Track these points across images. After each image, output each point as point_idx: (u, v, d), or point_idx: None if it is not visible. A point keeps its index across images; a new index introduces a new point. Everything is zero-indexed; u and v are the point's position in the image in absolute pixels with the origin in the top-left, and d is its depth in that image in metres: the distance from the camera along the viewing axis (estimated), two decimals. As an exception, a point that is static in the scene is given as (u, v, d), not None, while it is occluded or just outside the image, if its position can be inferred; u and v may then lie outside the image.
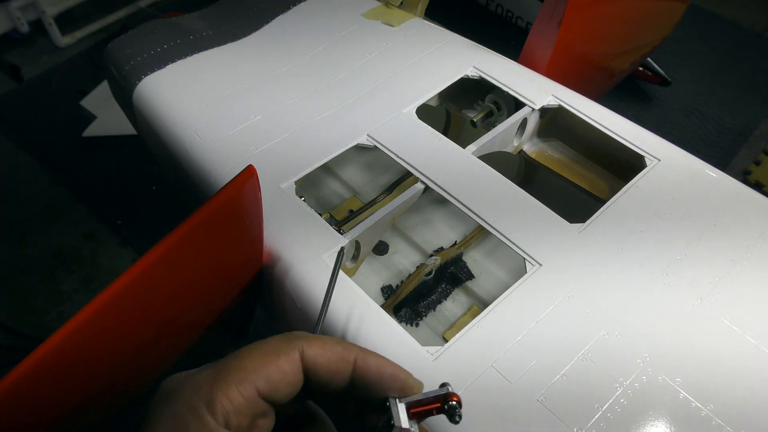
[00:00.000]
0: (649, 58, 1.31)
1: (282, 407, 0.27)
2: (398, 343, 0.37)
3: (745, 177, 1.22)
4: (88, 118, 1.39)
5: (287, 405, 0.27)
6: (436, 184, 0.46)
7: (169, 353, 0.40)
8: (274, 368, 0.25)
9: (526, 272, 0.41)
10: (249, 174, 0.32)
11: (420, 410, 0.27)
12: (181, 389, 0.25)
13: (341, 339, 0.29)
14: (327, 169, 0.65)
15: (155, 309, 0.33)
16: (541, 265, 0.41)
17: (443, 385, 0.28)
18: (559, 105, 0.53)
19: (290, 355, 0.26)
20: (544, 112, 0.54)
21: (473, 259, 0.57)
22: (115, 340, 0.32)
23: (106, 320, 0.30)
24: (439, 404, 0.27)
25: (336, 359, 0.27)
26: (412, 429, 0.27)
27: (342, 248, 0.34)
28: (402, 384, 0.27)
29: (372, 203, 0.58)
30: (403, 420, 0.27)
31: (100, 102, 1.42)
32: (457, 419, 0.26)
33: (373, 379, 0.27)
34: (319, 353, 0.26)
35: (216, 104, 0.55)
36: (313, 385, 0.27)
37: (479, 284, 0.56)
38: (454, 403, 0.27)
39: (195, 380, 0.25)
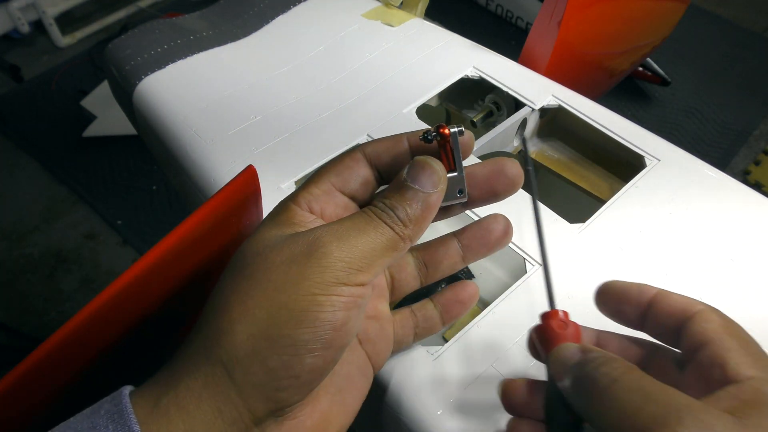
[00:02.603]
0: (649, 58, 1.31)
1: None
2: (398, 343, 0.37)
3: (745, 177, 1.22)
4: (88, 118, 1.39)
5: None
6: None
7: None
8: (341, 165, 0.30)
9: (526, 272, 0.41)
10: (249, 174, 0.32)
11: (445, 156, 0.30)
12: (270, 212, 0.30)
13: None
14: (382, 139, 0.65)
15: (155, 309, 0.33)
16: (541, 265, 0.41)
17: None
18: (559, 105, 0.53)
19: (353, 154, 0.30)
20: (544, 112, 0.54)
21: (473, 259, 0.57)
22: (114, 340, 0.32)
23: (105, 320, 0.30)
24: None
25: (392, 143, 0.30)
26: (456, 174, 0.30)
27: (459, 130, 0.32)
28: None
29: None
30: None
31: (100, 102, 1.42)
32: (429, 138, 0.29)
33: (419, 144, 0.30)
34: (377, 144, 0.31)
35: (216, 104, 0.55)
36: (386, 176, 0.31)
37: (479, 284, 0.56)
38: (435, 134, 0.29)
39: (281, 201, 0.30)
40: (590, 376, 0.24)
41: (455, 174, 0.30)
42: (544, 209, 0.45)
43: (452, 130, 0.30)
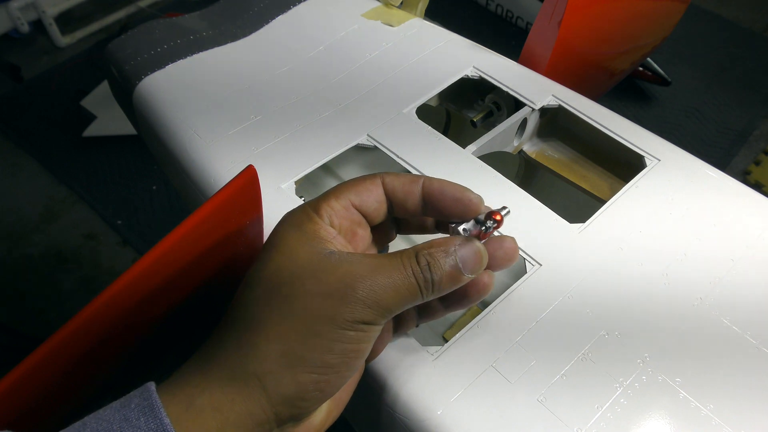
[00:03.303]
0: (649, 58, 1.31)
1: (378, 230, 0.36)
2: (398, 342, 0.37)
3: (745, 177, 1.22)
4: (88, 118, 1.39)
5: (381, 227, 0.36)
6: (436, 184, 0.47)
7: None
8: (361, 186, 0.33)
9: (526, 272, 0.41)
10: (249, 174, 0.32)
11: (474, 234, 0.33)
12: (291, 213, 0.33)
13: None
14: (327, 169, 0.65)
15: (155, 309, 0.33)
16: (541, 265, 0.41)
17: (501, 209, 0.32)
18: (559, 105, 0.53)
19: (373, 179, 0.33)
20: (544, 112, 0.54)
21: (473, 259, 0.57)
22: (114, 340, 0.32)
23: (105, 320, 0.30)
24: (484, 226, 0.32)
25: (408, 181, 0.33)
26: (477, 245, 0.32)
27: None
28: (461, 195, 0.33)
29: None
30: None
31: (100, 102, 1.42)
32: (488, 226, 0.32)
33: (437, 195, 0.33)
34: (395, 178, 0.34)
35: (216, 104, 0.55)
36: (395, 209, 0.34)
37: (479, 284, 0.56)
38: (490, 222, 0.32)
39: (301, 206, 0.33)
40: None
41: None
42: (544, 209, 0.45)
43: (503, 213, 0.32)
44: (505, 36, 1.54)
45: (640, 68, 1.32)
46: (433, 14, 0.69)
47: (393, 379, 0.36)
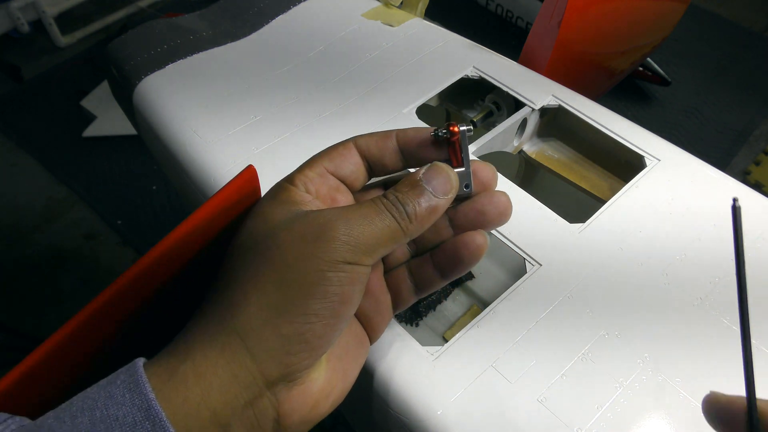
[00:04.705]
0: (649, 58, 1.31)
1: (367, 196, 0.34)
2: (398, 342, 0.37)
3: (745, 177, 1.22)
4: (88, 118, 1.39)
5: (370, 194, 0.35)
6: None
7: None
8: (334, 152, 0.32)
9: (526, 272, 0.41)
10: (249, 174, 0.32)
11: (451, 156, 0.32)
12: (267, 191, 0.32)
13: None
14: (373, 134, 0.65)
15: (155, 308, 0.33)
16: (541, 265, 0.41)
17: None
18: (559, 105, 0.53)
19: (345, 143, 0.33)
20: (544, 112, 0.54)
21: (473, 259, 0.57)
22: (114, 340, 0.32)
23: (105, 320, 0.30)
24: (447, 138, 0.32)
25: (381, 137, 0.33)
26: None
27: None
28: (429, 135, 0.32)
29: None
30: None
31: (100, 102, 1.42)
32: (439, 133, 0.32)
33: (411, 141, 0.33)
34: (368, 138, 0.33)
35: (216, 104, 0.55)
36: (374, 168, 0.33)
37: (479, 284, 0.56)
38: (444, 131, 0.32)
39: (277, 183, 0.32)
40: None
41: (462, 170, 0.32)
42: (544, 209, 0.45)
43: (461, 128, 0.31)
44: (505, 36, 1.54)
45: (640, 68, 1.32)
46: (433, 14, 0.69)
47: (393, 378, 0.36)
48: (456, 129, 0.31)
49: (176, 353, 0.27)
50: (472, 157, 0.32)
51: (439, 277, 0.34)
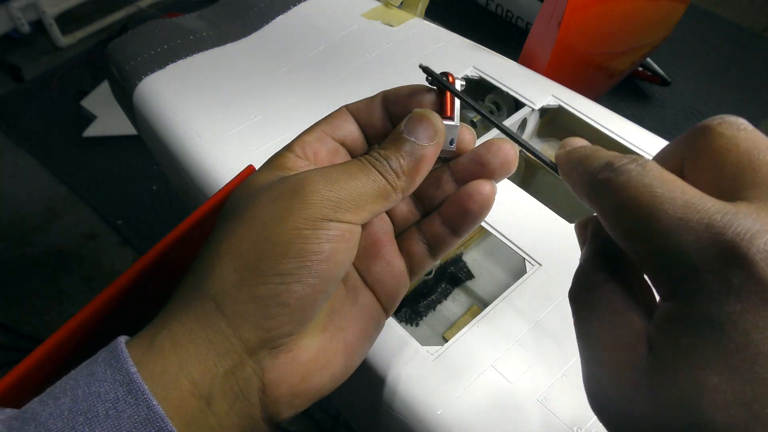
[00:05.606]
0: (648, 58, 1.31)
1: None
2: (398, 342, 0.37)
3: (745, 177, 1.22)
4: (88, 118, 1.39)
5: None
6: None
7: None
8: (330, 118, 0.32)
9: (526, 272, 0.41)
10: (249, 174, 0.32)
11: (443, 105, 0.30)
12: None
13: None
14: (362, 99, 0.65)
15: (155, 309, 0.33)
16: (541, 265, 0.41)
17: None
18: (559, 105, 0.53)
19: (339, 110, 0.32)
20: (544, 112, 0.54)
21: (473, 259, 0.57)
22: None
23: (105, 320, 0.30)
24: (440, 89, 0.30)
25: (368, 100, 0.32)
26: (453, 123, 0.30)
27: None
28: (414, 87, 0.31)
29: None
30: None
31: (100, 102, 1.42)
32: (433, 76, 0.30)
33: (392, 97, 0.31)
34: (358, 102, 0.32)
35: (216, 104, 0.55)
36: (366, 131, 0.32)
37: (479, 284, 0.56)
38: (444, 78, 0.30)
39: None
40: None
41: (452, 123, 0.30)
42: (544, 209, 0.45)
43: (458, 78, 0.30)
44: (505, 36, 1.54)
45: (640, 68, 1.32)
46: (433, 14, 0.69)
47: (393, 378, 0.36)
48: (452, 77, 0.30)
49: (155, 324, 0.26)
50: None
51: (451, 234, 0.32)
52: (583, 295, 0.25)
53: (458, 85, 0.30)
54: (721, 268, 0.17)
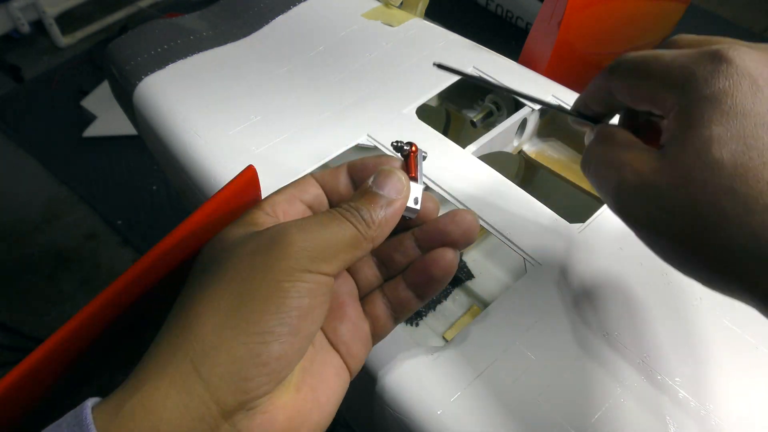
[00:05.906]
0: (649, 58, 1.31)
1: None
2: (398, 343, 0.37)
3: (745, 177, 1.22)
4: (88, 118, 1.39)
5: None
6: (435, 183, 0.47)
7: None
8: (298, 181, 0.33)
9: (526, 272, 0.41)
10: (249, 174, 0.32)
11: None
12: None
13: None
14: (327, 169, 0.65)
15: (154, 309, 0.33)
16: (541, 265, 0.41)
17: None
18: (559, 105, 0.53)
19: (305, 177, 0.34)
20: (544, 112, 0.54)
21: (473, 259, 0.57)
22: (114, 340, 0.32)
23: (105, 320, 0.30)
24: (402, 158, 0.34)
25: (334, 170, 0.34)
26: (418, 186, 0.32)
27: None
28: (380, 160, 0.33)
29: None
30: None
31: (100, 102, 1.42)
32: (399, 145, 0.34)
33: (359, 168, 0.33)
34: (321, 172, 0.34)
35: (216, 104, 0.55)
36: (330, 198, 0.34)
37: (479, 284, 0.56)
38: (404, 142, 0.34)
39: None
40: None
41: (416, 184, 0.32)
42: (544, 209, 0.45)
43: (420, 149, 0.34)
44: (505, 36, 1.54)
45: (640, 68, 1.32)
46: (433, 14, 0.69)
47: (392, 378, 0.36)
48: (414, 147, 0.33)
49: (127, 387, 0.25)
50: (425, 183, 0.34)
51: (415, 298, 0.33)
52: (599, 146, 0.31)
53: (420, 156, 0.34)
54: (711, 64, 0.25)
